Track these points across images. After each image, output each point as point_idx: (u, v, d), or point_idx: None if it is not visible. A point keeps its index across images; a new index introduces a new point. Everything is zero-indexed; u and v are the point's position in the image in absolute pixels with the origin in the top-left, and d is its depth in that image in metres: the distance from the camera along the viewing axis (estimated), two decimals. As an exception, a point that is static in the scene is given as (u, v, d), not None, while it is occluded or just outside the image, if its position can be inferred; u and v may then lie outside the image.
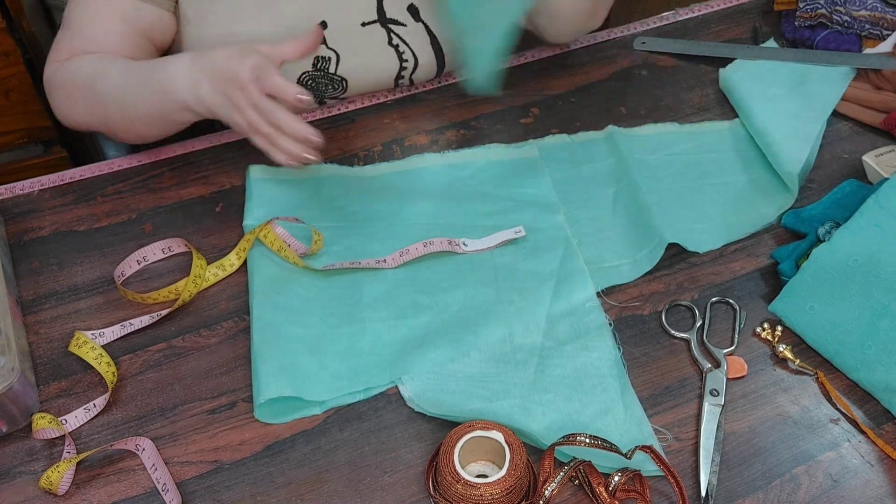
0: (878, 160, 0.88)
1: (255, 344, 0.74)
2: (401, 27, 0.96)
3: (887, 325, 0.71)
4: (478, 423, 0.65)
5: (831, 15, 1.02)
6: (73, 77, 0.87)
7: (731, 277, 0.82)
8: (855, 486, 0.67)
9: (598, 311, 0.78)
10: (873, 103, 0.96)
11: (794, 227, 0.85)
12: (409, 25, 0.96)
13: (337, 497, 0.66)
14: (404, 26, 0.96)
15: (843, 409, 0.72)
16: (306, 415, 0.71)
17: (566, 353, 0.75)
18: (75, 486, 0.67)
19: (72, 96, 0.87)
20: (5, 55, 1.47)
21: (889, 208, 0.74)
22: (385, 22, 0.95)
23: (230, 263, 0.82)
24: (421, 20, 0.97)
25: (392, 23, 0.96)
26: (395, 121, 0.98)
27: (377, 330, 0.76)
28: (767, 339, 0.77)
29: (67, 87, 0.87)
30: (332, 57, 0.95)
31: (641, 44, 1.08)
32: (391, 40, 0.96)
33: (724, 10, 1.14)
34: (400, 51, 0.97)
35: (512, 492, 0.62)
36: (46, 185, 0.90)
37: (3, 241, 0.83)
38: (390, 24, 0.96)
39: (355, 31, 0.95)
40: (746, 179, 0.91)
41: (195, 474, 0.68)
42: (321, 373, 0.73)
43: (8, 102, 1.53)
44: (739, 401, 0.72)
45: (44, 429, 0.68)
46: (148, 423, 0.71)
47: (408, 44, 0.97)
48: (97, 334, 0.76)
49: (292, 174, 0.90)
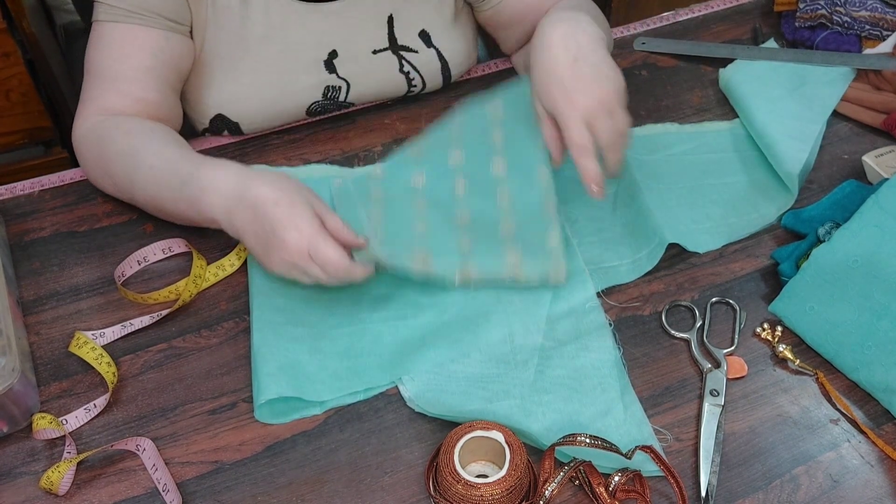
0: (878, 161, 0.88)
1: (254, 344, 0.74)
2: (412, 54, 0.95)
3: (887, 326, 0.71)
4: (478, 423, 0.65)
5: (831, 16, 1.02)
6: (104, 150, 0.82)
7: (731, 278, 0.82)
8: (855, 487, 0.67)
9: (598, 311, 0.78)
10: (873, 104, 0.96)
11: (794, 228, 0.85)
12: (420, 52, 0.95)
13: (337, 497, 0.66)
14: (416, 53, 0.95)
15: (843, 409, 0.72)
16: (306, 415, 0.71)
17: (566, 353, 0.75)
18: (76, 486, 0.67)
19: (100, 167, 0.83)
20: (6, 56, 1.47)
21: (889, 209, 0.74)
22: (396, 49, 0.94)
23: (230, 263, 0.82)
24: (433, 46, 0.95)
25: (403, 49, 0.94)
26: (396, 121, 0.98)
27: (377, 330, 0.76)
28: (767, 340, 0.77)
29: (97, 158, 0.83)
30: (343, 86, 0.94)
31: (641, 44, 1.08)
32: (402, 67, 0.95)
33: (724, 10, 1.14)
34: (410, 77, 0.96)
35: (512, 492, 0.62)
36: (47, 186, 0.90)
37: (4, 242, 0.83)
38: (402, 51, 0.94)
39: (366, 59, 0.93)
40: (746, 180, 0.91)
41: (196, 474, 0.68)
42: (321, 373, 0.73)
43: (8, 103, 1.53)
44: (739, 401, 0.72)
45: (44, 429, 0.68)
46: (148, 424, 0.71)
47: (418, 70, 0.96)
48: (98, 335, 0.76)
49: (293, 175, 0.90)
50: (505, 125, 0.89)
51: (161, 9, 0.82)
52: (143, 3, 0.81)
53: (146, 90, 0.84)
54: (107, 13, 0.82)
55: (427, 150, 0.89)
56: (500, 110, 0.91)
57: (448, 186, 0.86)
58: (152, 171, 0.78)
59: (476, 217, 0.83)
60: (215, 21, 0.86)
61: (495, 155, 0.88)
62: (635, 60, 1.06)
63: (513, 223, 0.82)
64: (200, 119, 0.93)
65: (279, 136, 0.96)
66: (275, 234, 0.70)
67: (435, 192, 0.86)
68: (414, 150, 0.89)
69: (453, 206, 0.84)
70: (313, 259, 0.70)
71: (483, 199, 0.85)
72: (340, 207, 0.84)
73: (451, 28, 0.96)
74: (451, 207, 0.84)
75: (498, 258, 0.79)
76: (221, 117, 0.92)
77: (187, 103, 0.93)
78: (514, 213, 0.84)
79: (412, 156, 0.89)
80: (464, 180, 0.86)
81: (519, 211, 0.84)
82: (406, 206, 0.84)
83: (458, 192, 0.85)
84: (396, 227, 0.81)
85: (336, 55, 0.92)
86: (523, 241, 0.81)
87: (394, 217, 0.83)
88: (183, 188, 0.76)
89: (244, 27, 0.88)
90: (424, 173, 0.87)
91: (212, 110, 0.91)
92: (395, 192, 0.86)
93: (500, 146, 0.88)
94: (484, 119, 0.90)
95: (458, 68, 0.99)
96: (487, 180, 0.86)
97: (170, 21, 0.83)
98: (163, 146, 0.80)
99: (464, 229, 0.82)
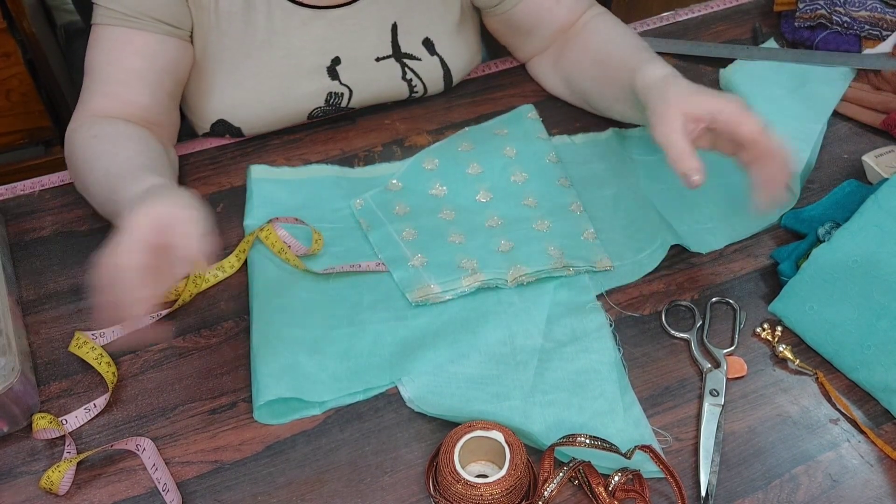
0: (878, 160, 0.88)
1: (254, 345, 0.74)
2: (415, 61, 0.95)
3: (886, 326, 0.71)
4: (478, 423, 0.65)
5: (831, 16, 1.02)
6: (79, 151, 0.82)
7: (731, 277, 0.82)
8: (854, 486, 0.67)
9: (598, 312, 0.78)
10: (873, 104, 0.96)
11: (793, 228, 0.85)
12: (423, 59, 0.95)
13: (337, 497, 0.66)
14: (419, 60, 0.95)
15: (842, 409, 0.72)
16: (305, 415, 0.71)
17: (566, 354, 0.75)
18: (76, 486, 0.67)
19: (72, 167, 0.84)
20: (6, 56, 1.47)
21: (888, 209, 0.75)
22: (400, 56, 0.94)
23: (230, 265, 0.82)
24: (436, 53, 0.95)
25: (407, 57, 0.94)
26: (396, 121, 0.98)
27: (377, 331, 0.76)
28: (767, 340, 0.77)
29: (72, 158, 0.83)
30: (346, 93, 0.94)
31: (641, 44, 1.08)
32: (405, 74, 0.95)
33: (724, 10, 1.14)
34: (412, 84, 0.96)
35: (512, 492, 0.62)
36: (47, 186, 0.90)
37: (4, 242, 0.83)
38: (405, 59, 0.94)
39: (370, 66, 0.93)
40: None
41: (196, 474, 0.68)
42: (321, 374, 0.73)
43: (9, 103, 1.54)
44: (739, 401, 0.72)
45: (44, 429, 0.68)
46: (148, 424, 0.71)
47: (421, 77, 0.96)
48: (98, 335, 0.76)
49: (293, 175, 0.90)
50: (515, 143, 0.92)
51: (158, 13, 0.82)
52: (140, 6, 0.81)
53: (137, 94, 0.84)
54: (104, 16, 0.82)
55: (442, 164, 0.90)
56: (506, 131, 0.93)
57: (470, 194, 0.88)
58: (95, 177, 0.77)
59: (507, 218, 0.85)
60: (217, 26, 0.86)
61: (512, 166, 0.90)
62: (635, 60, 1.06)
63: (545, 221, 0.84)
64: (202, 124, 0.93)
65: (279, 136, 0.96)
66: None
67: (458, 200, 0.87)
68: (427, 162, 0.90)
69: (480, 211, 0.85)
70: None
71: (509, 203, 0.87)
72: (370, 229, 0.84)
73: (455, 35, 0.96)
74: (479, 213, 0.85)
75: (541, 253, 0.80)
76: (223, 122, 0.92)
77: (188, 108, 0.93)
78: (543, 212, 0.85)
79: (427, 168, 0.90)
80: (485, 187, 0.88)
81: (547, 211, 0.85)
82: (434, 218, 0.85)
83: (481, 199, 0.87)
84: (435, 245, 0.82)
85: (339, 62, 0.92)
86: (560, 236, 0.83)
87: (426, 232, 0.84)
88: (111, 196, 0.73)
89: (246, 32, 0.87)
90: (444, 184, 0.88)
91: (213, 115, 0.91)
92: (418, 203, 0.87)
93: (514, 158, 0.90)
94: (494, 140, 0.92)
95: (460, 74, 0.99)
96: (509, 186, 0.88)
97: (167, 25, 0.83)
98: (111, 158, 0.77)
99: (499, 231, 0.83)
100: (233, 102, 0.90)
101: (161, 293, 0.63)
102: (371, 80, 0.94)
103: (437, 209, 0.86)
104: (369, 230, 0.84)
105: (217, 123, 0.92)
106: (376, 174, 0.91)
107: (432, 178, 0.89)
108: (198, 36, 0.86)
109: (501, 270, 0.79)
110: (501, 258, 0.80)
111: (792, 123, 0.93)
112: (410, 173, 0.90)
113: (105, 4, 0.82)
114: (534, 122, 0.96)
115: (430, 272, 0.79)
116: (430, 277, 0.79)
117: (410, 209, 0.86)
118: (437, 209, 0.86)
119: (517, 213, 0.86)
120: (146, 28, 0.82)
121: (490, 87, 1.03)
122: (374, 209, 0.86)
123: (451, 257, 0.81)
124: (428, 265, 0.80)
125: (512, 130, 0.94)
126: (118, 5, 0.81)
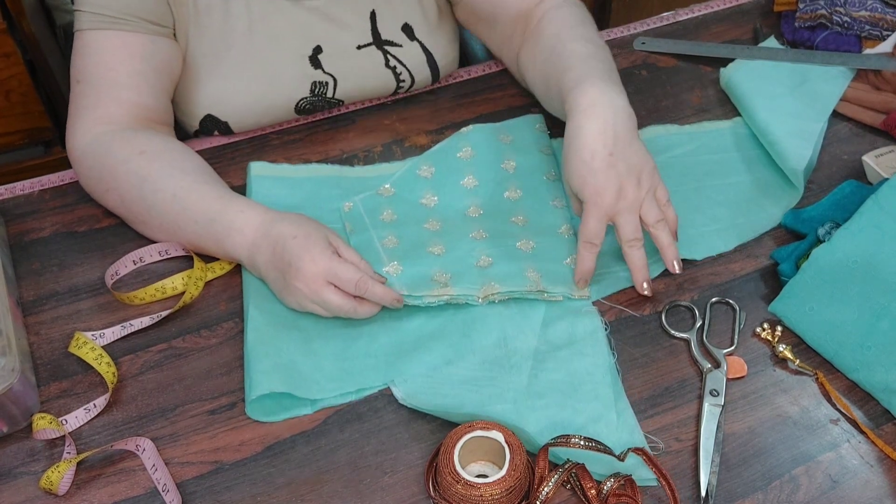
0: (878, 161, 0.88)
1: (249, 345, 0.74)
2: (396, 48, 0.95)
3: (887, 326, 0.71)
4: (478, 423, 0.65)
5: (831, 16, 1.02)
6: (113, 167, 0.81)
7: (731, 278, 0.82)
8: (854, 487, 0.67)
9: (593, 315, 0.78)
10: (873, 104, 0.96)
11: (793, 228, 0.85)
12: (404, 46, 0.95)
13: (337, 497, 0.66)
14: (400, 47, 0.95)
15: (842, 409, 0.72)
16: (297, 414, 0.71)
17: (560, 357, 0.74)
18: (76, 486, 0.67)
19: (106, 183, 0.82)
20: (6, 56, 1.47)
21: (888, 209, 0.74)
22: (381, 44, 0.94)
23: (220, 267, 0.81)
24: (416, 39, 0.96)
25: (387, 44, 0.95)
26: (396, 122, 0.98)
27: (372, 332, 0.76)
28: (767, 340, 0.77)
29: (102, 173, 0.82)
30: (330, 82, 0.94)
31: (641, 44, 1.08)
32: (388, 62, 0.95)
33: (724, 10, 1.14)
34: (397, 72, 0.96)
35: (512, 492, 0.62)
36: (47, 186, 0.90)
37: (4, 242, 0.83)
38: (386, 46, 0.95)
39: (351, 54, 0.94)
40: (751, 179, 0.91)
41: (195, 475, 0.68)
42: (315, 373, 0.73)
43: (8, 103, 1.53)
44: (739, 401, 0.72)
45: (44, 429, 0.68)
46: (148, 424, 0.71)
47: (405, 65, 0.96)
48: (97, 335, 0.76)
49: (293, 172, 0.90)
50: (517, 156, 0.91)
51: (144, 13, 0.82)
52: (127, 8, 0.81)
53: (142, 95, 0.84)
54: (91, 21, 0.82)
55: (437, 172, 0.89)
56: (510, 141, 0.92)
57: (461, 207, 0.87)
58: (176, 200, 0.79)
59: (492, 233, 0.84)
60: (196, 20, 0.87)
61: (508, 181, 0.89)
62: (635, 60, 1.06)
63: (531, 241, 0.83)
64: (190, 121, 0.93)
65: (279, 136, 0.96)
66: (291, 264, 0.73)
67: (447, 212, 0.86)
68: (423, 169, 0.90)
69: (467, 225, 0.85)
70: (332, 282, 0.72)
71: (496, 220, 0.86)
72: (353, 233, 0.84)
73: (435, 23, 0.97)
74: (466, 227, 0.84)
75: (519, 274, 0.79)
76: (211, 118, 0.92)
77: (176, 107, 0.93)
78: (530, 232, 0.84)
79: (421, 175, 0.89)
80: (477, 203, 0.87)
81: (535, 232, 0.84)
82: (418, 228, 0.84)
83: (471, 214, 0.86)
84: (413, 254, 0.81)
85: (321, 51, 0.92)
86: (542, 258, 0.81)
87: (408, 241, 0.83)
88: (210, 225, 0.78)
89: (227, 23, 0.88)
90: (435, 193, 0.88)
91: (200, 111, 0.91)
92: (406, 212, 0.86)
93: (512, 174, 0.89)
94: (496, 149, 0.91)
95: (445, 61, 0.99)
96: (501, 203, 0.87)
97: (153, 24, 0.83)
98: (185, 175, 0.80)
99: (481, 244, 0.82)
100: (218, 95, 0.90)
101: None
102: (354, 68, 0.94)
103: (423, 219, 0.85)
104: (352, 234, 0.84)
105: (205, 119, 0.92)
106: (376, 174, 0.91)
107: (425, 187, 0.88)
108: (179, 32, 0.87)
109: (474, 287, 0.78)
110: (477, 273, 0.79)
111: (793, 122, 0.93)
112: (404, 179, 0.89)
113: (91, 10, 0.81)
114: (540, 134, 0.94)
115: (401, 281, 0.78)
116: (401, 286, 0.78)
117: (397, 217, 0.86)
118: (423, 219, 0.85)
119: (504, 228, 0.84)
120: (137, 29, 0.82)
121: (490, 86, 1.03)
122: (361, 213, 0.86)
123: (427, 269, 0.80)
124: (401, 274, 0.79)
125: (516, 139, 0.93)
126: (106, 9, 0.81)
